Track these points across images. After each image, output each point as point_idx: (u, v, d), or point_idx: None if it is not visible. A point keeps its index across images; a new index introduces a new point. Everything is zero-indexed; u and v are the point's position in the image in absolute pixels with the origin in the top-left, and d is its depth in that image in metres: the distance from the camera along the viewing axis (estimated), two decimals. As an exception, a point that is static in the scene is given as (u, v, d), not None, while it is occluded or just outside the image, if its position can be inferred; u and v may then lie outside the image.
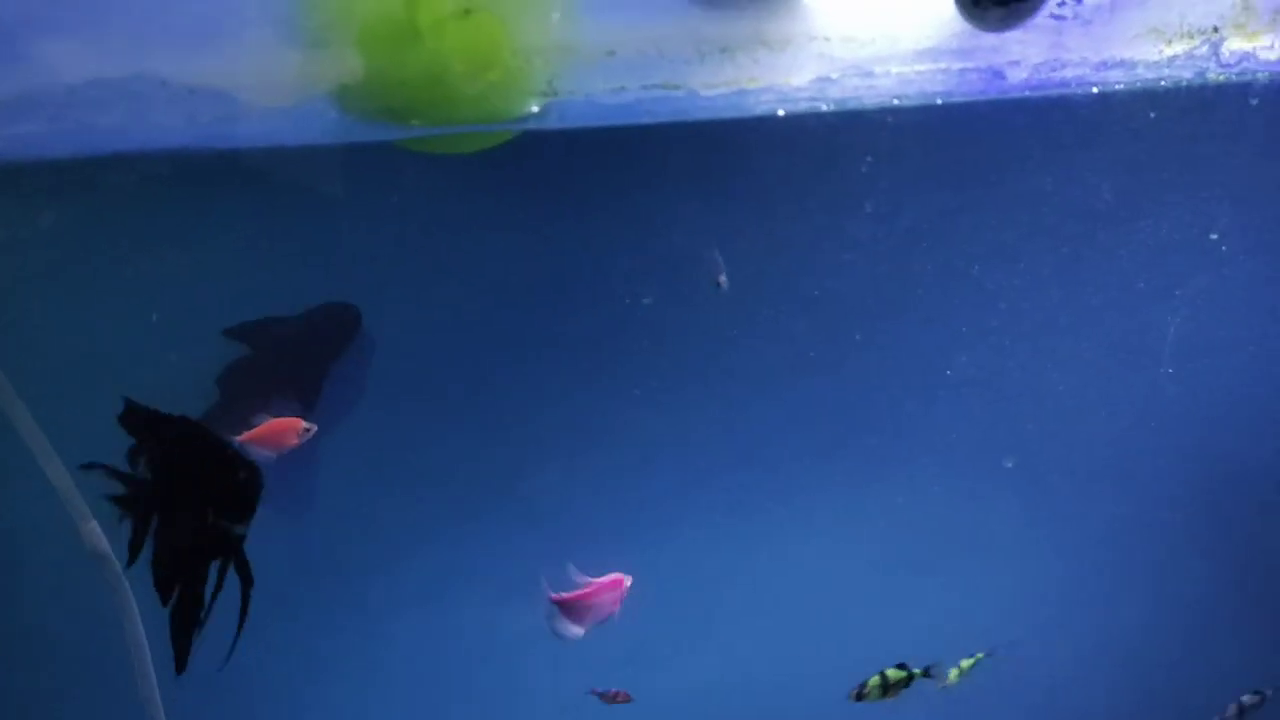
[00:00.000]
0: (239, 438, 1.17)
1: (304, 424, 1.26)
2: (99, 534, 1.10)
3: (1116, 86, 0.96)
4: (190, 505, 0.89)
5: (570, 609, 1.12)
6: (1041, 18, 0.89)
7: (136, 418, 0.85)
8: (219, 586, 0.89)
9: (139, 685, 1.19)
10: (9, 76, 0.67)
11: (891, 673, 1.40)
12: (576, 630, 1.10)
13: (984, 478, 1.42)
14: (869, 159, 0.98)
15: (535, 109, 0.81)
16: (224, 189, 0.81)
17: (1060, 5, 0.88)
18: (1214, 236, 1.18)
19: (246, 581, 0.89)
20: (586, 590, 1.11)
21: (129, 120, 0.70)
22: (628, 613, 1.36)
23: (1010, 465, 1.38)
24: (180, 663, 0.90)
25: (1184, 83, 0.98)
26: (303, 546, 1.26)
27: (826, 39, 0.83)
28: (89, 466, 0.87)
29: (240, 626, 0.89)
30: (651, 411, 1.29)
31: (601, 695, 1.49)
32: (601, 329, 1.12)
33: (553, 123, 0.79)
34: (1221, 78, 0.99)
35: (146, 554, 0.87)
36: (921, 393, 1.33)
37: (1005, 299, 1.22)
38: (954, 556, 1.52)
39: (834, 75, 0.86)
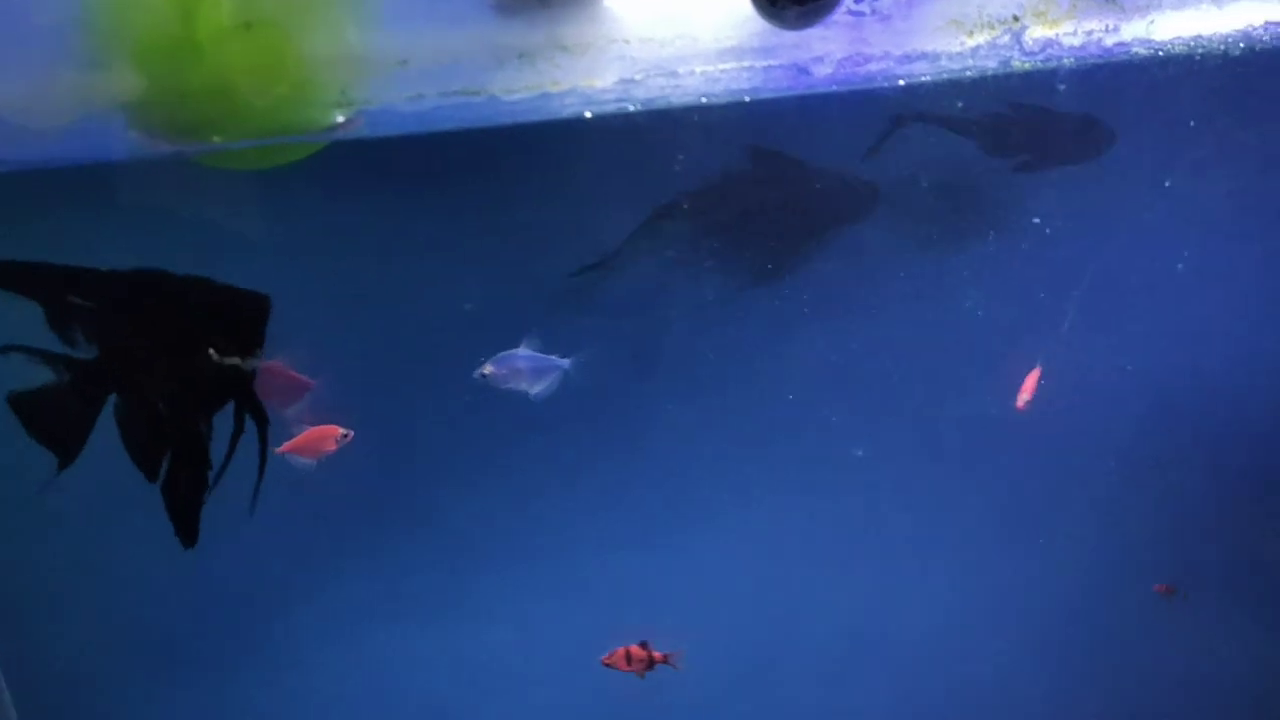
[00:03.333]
0: (279, 449, 1.13)
1: (341, 430, 1.23)
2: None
3: (923, 79, 0.99)
4: (174, 359, 0.84)
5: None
6: (840, 15, 0.92)
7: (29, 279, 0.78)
8: (239, 428, 0.85)
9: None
10: None
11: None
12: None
13: (841, 471, 1.45)
14: (680, 157, 1.00)
15: (339, 119, 0.81)
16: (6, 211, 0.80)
17: (857, 2, 0.91)
18: (1036, 220, 1.23)
19: (262, 419, 0.86)
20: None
21: None
22: (558, 627, 1.36)
23: (860, 454, 1.42)
24: (190, 535, 0.86)
25: (989, 72, 1.02)
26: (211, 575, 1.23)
27: (626, 41, 0.85)
28: (7, 350, 0.80)
29: (262, 467, 0.86)
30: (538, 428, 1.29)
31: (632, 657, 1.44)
32: (437, 337, 1.12)
33: (353, 133, 0.79)
34: (1027, 65, 1.03)
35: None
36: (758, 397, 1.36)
37: (819, 291, 1.26)
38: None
39: (638, 76, 0.88)
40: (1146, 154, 1.19)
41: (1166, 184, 1.26)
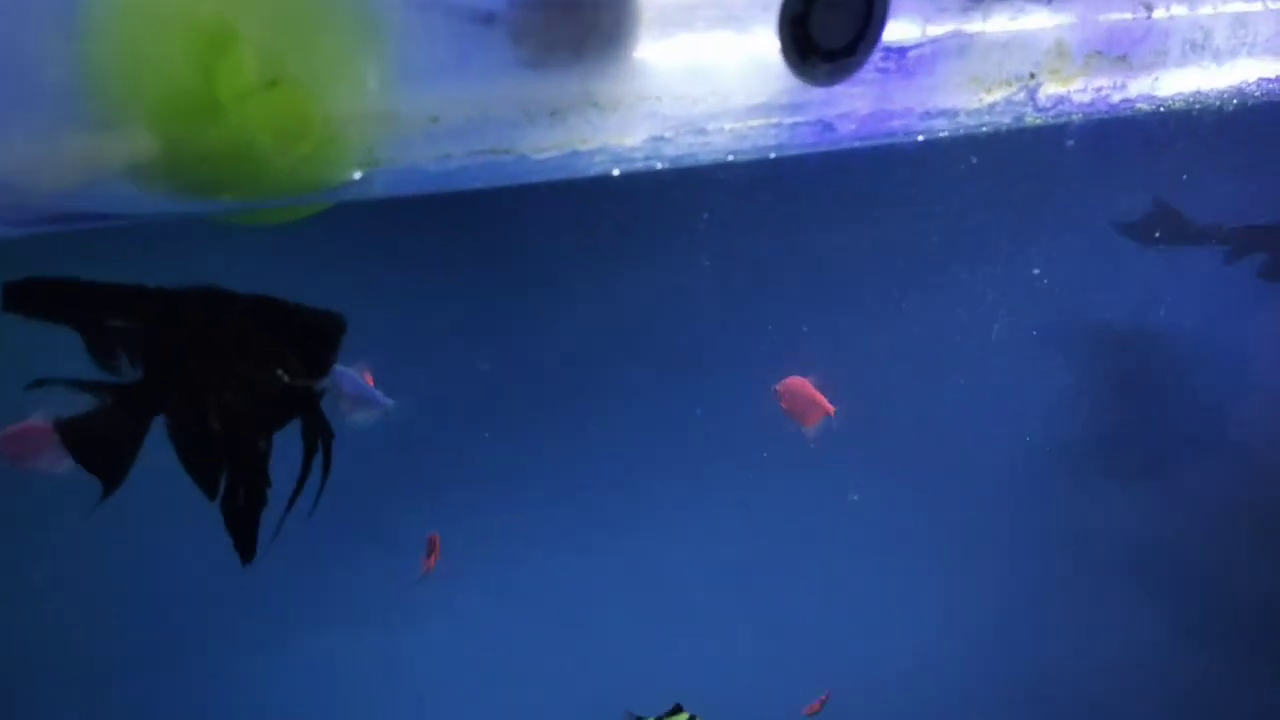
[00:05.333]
0: None
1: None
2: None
3: (941, 134, 0.98)
4: (240, 376, 0.80)
5: None
6: (867, 71, 0.91)
7: (72, 299, 0.75)
8: (312, 446, 0.83)
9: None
10: None
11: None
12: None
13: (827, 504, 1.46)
14: (705, 214, 0.98)
15: (356, 177, 0.77)
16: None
17: (884, 59, 0.90)
18: (1035, 271, 1.24)
19: (328, 435, 0.84)
20: None
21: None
22: (500, 631, 1.32)
23: (855, 499, 1.42)
24: (249, 550, 0.84)
25: (1003, 128, 1.01)
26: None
27: (658, 99, 0.82)
28: (43, 382, 0.77)
29: (325, 478, 0.84)
30: (510, 445, 1.28)
31: None
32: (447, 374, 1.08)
33: (376, 191, 0.74)
34: (1039, 121, 1.03)
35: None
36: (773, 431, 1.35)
37: (838, 339, 1.25)
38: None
39: (668, 134, 0.85)
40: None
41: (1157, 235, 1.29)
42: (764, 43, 0.86)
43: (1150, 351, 1.54)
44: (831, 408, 1.26)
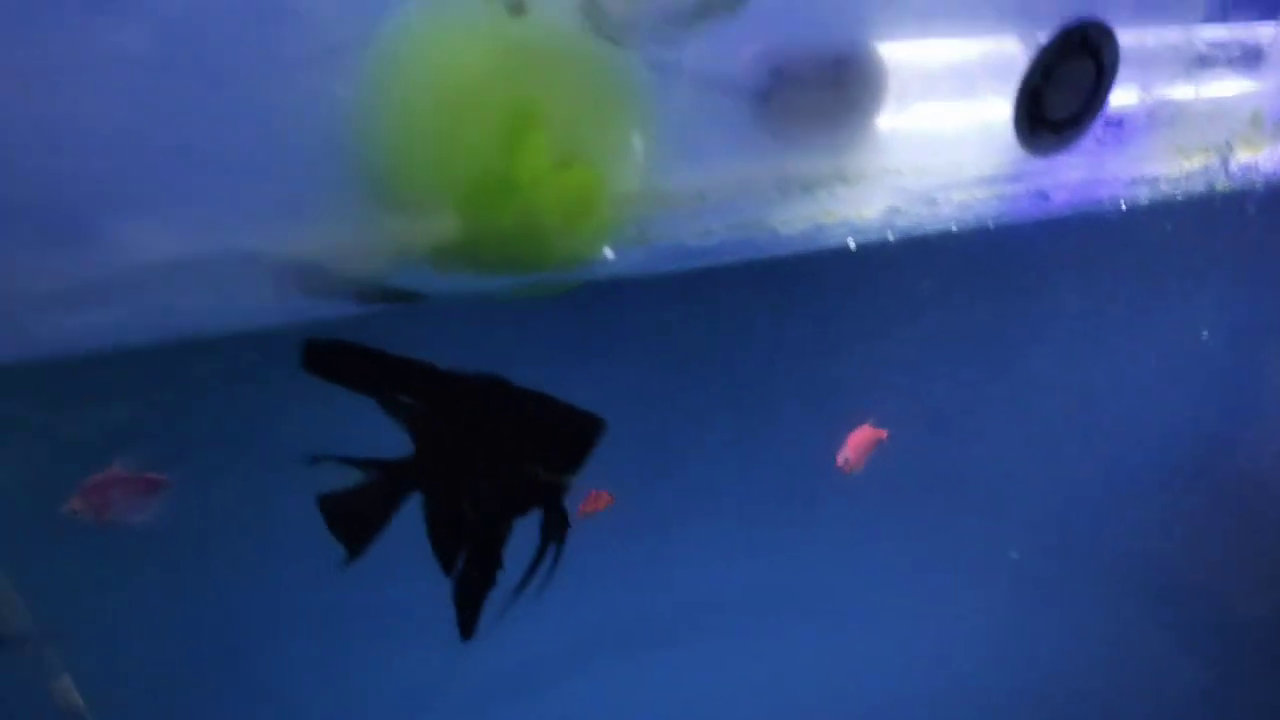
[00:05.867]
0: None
1: None
2: (70, 689, 0.98)
3: (1140, 201, 0.99)
4: (492, 462, 0.82)
5: None
6: (1087, 141, 0.91)
7: (361, 368, 0.77)
8: (548, 539, 0.84)
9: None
10: (76, 260, 0.59)
11: None
12: None
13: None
14: (927, 282, 0.99)
15: (610, 255, 0.77)
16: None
17: (1105, 131, 0.91)
18: (1205, 334, 1.25)
19: (565, 527, 0.87)
20: None
21: (213, 301, 0.62)
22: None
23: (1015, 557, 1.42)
24: (470, 627, 0.88)
25: (1195, 194, 1.02)
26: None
27: (899, 172, 0.83)
28: (321, 459, 0.79)
29: (557, 559, 0.87)
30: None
31: None
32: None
33: (646, 267, 0.75)
34: (1227, 187, 1.04)
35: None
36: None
37: (1040, 394, 1.25)
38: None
39: (902, 206, 0.85)
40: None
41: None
42: (997, 113, 0.87)
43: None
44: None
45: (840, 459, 1.29)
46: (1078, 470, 1.46)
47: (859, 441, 1.29)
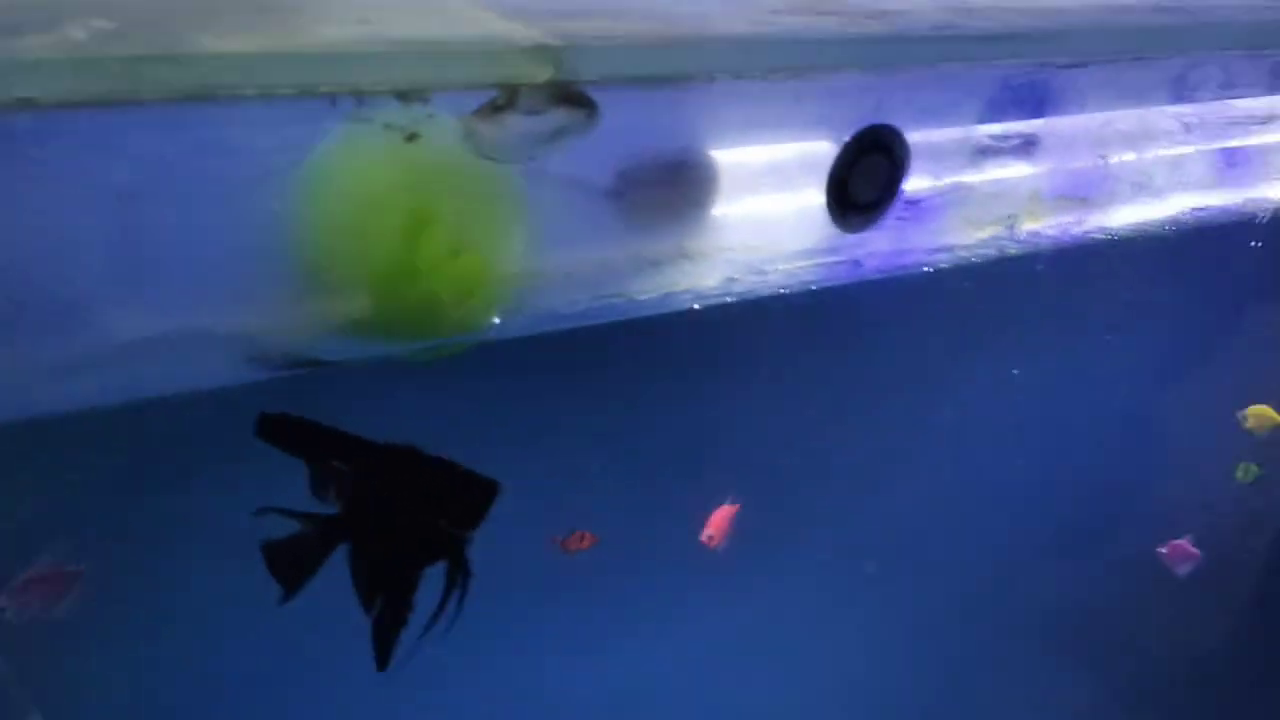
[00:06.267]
0: None
1: None
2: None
3: (943, 265, 1.21)
4: (406, 517, 1.00)
5: None
6: (889, 219, 1.13)
7: (302, 438, 0.93)
8: (452, 586, 1.02)
9: None
10: (74, 343, 0.76)
11: None
12: None
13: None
14: (764, 338, 1.19)
15: (496, 322, 0.96)
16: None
17: (904, 211, 1.13)
18: (1015, 372, 1.47)
19: (468, 575, 1.05)
20: None
21: (173, 367, 0.80)
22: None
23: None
24: (384, 660, 1.03)
25: (989, 258, 1.24)
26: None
27: (733, 249, 1.03)
28: (264, 511, 0.95)
29: (462, 602, 1.04)
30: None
31: None
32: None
33: (523, 330, 0.94)
34: (1016, 251, 1.26)
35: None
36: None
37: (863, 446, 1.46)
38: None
39: (737, 275, 1.05)
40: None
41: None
42: (811, 199, 1.08)
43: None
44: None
45: (704, 536, 1.49)
46: (924, 516, 1.68)
47: (719, 517, 1.50)
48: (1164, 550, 1.82)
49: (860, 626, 1.80)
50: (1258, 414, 1.83)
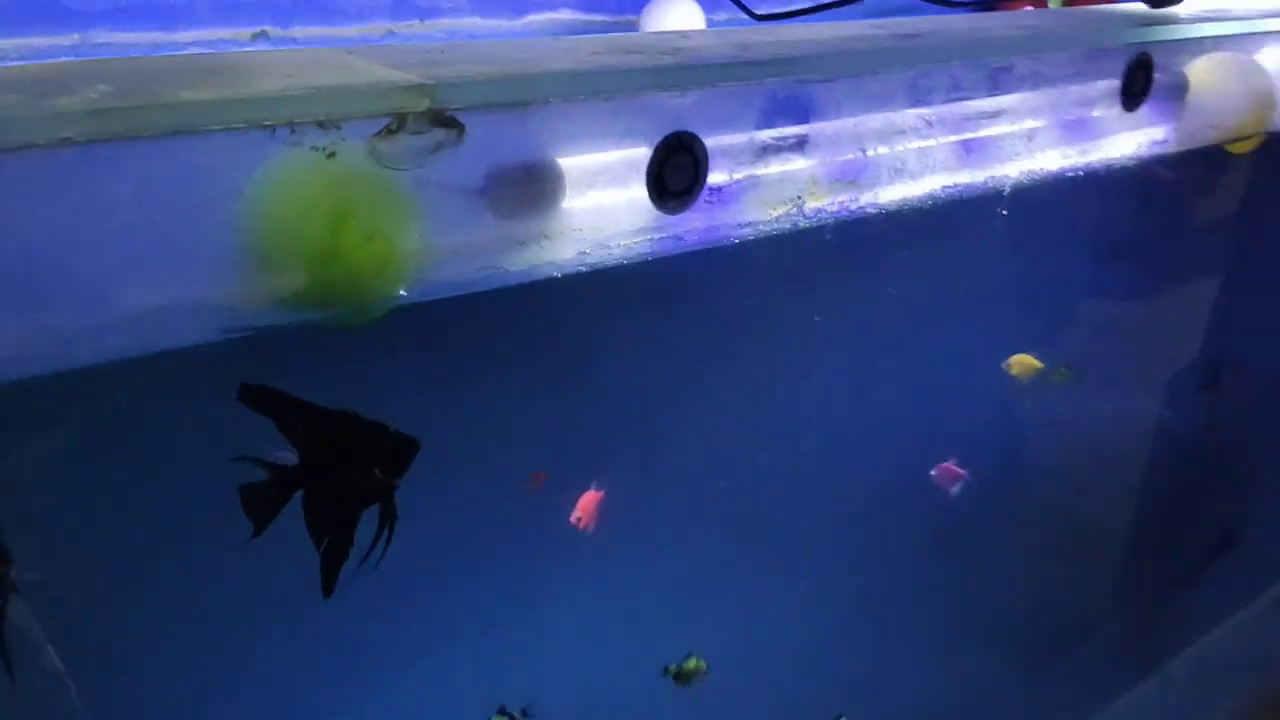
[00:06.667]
0: None
1: None
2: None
3: (748, 238, 1.57)
4: (348, 468, 1.24)
5: None
6: (699, 204, 1.49)
7: (271, 403, 1.19)
8: (383, 526, 1.26)
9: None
10: (80, 312, 1.05)
11: None
12: None
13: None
14: (612, 303, 1.53)
15: (404, 292, 1.28)
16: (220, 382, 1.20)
17: (709, 197, 1.49)
18: (816, 318, 1.84)
19: (394, 517, 1.31)
20: None
21: (157, 331, 1.10)
22: None
23: None
24: (328, 589, 1.29)
25: (784, 230, 1.62)
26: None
27: (581, 230, 1.37)
28: (240, 459, 1.20)
29: (389, 540, 1.30)
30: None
31: None
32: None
33: (426, 296, 1.26)
34: (806, 224, 1.64)
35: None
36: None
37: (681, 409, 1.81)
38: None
39: (587, 250, 1.40)
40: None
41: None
42: (637, 191, 1.43)
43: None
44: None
45: (573, 518, 1.78)
46: (761, 474, 2.02)
47: (587, 501, 1.79)
48: (934, 473, 2.16)
49: (722, 591, 2.10)
50: (1020, 362, 2.22)
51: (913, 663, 2.42)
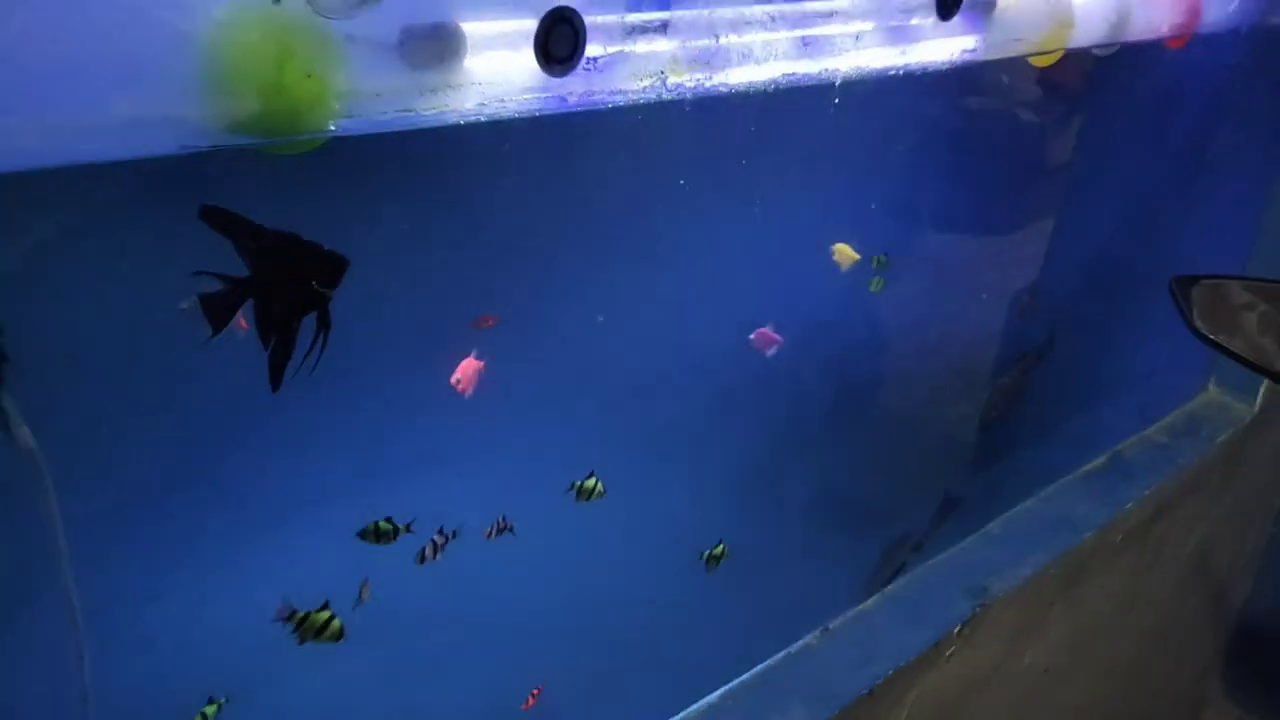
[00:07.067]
0: None
1: None
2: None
3: (620, 104, 1.89)
4: (290, 281, 1.50)
5: None
6: (579, 71, 1.79)
7: (227, 223, 1.44)
8: (319, 330, 1.52)
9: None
10: (46, 114, 1.27)
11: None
12: None
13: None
14: (506, 147, 1.82)
15: (340, 124, 1.54)
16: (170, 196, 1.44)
17: (587, 65, 1.79)
18: (682, 182, 2.18)
19: (329, 323, 1.57)
20: None
21: (121, 139, 1.33)
22: None
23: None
24: (275, 385, 1.57)
25: (652, 100, 1.93)
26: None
27: (481, 84, 1.66)
28: (199, 273, 1.45)
29: (324, 345, 1.57)
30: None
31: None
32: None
33: (351, 130, 1.52)
34: (669, 97, 1.96)
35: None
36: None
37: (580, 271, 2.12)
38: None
39: (486, 103, 1.68)
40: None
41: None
42: (528, 56, 1.72)
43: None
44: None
45: (453, 380, 1.82)
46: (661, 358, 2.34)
47: (466, 368, 2.07)
48: (752, 337, 2.43)
49: (578, 441, 2.39)
50: (841, 250, 2.59)
51: (723, 502, 2.78)
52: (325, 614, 1.85)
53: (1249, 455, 4.77)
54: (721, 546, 2.55)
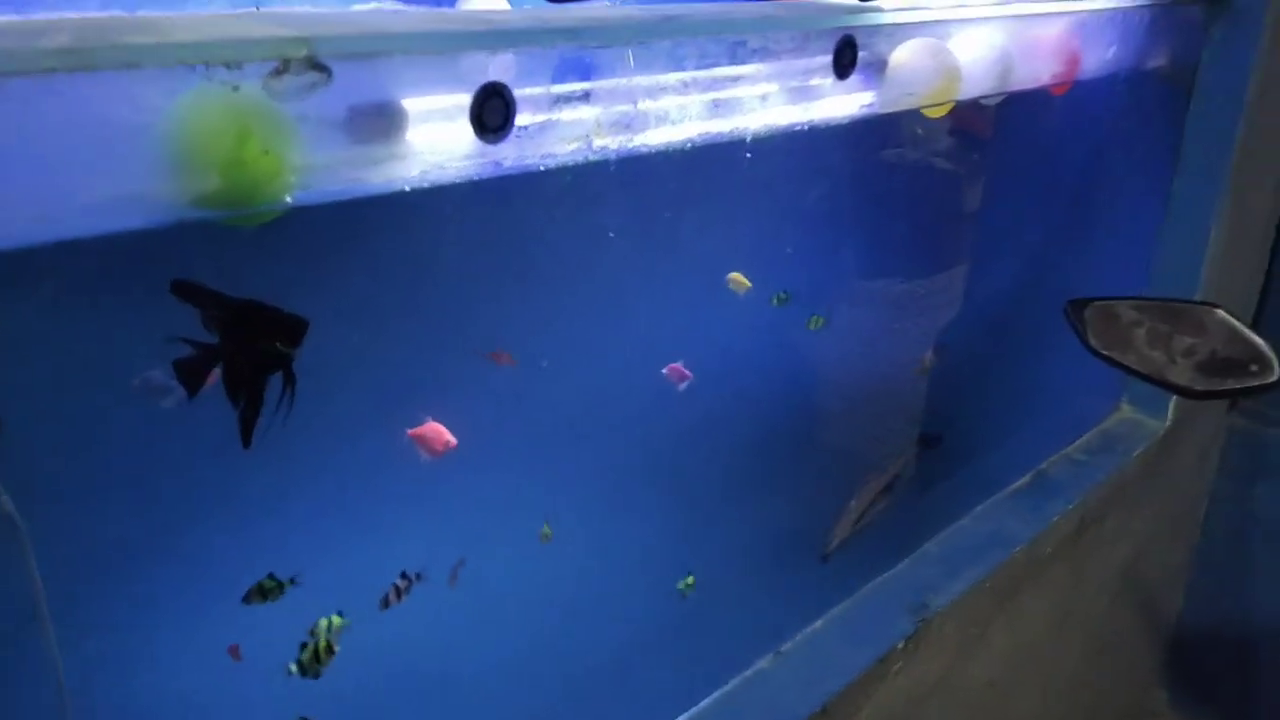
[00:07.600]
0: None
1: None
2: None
3: (551, 166, 2.06)
4: (256, 343, 1.61)
5: None
6: (511, 137, 1.96)
7: (196, 295, 1.55)
8: (285, 388, 1.62)
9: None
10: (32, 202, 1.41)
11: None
12: None
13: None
14: (448, 209, 1.98)
15: (294, 197, 1.69)
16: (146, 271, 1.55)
17: (519, 133, 1.97)
18: (611, 235, 2.36)
19: (294, 380, 1.65)
20: None
21: (102, 217, 1.46)
22: None
23: None
24: (247, 441, 1.64)
25: (580, 161, 2.11)
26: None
27: (423, 154, 1.82)
28: (171, 340, 1.56)
29: (292, 399, 1.64)
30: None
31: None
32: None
33: (305, 201, 1.67)
34: (594, 158, 2.14)
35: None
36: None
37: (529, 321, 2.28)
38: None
39: (428, 170, 1.84)
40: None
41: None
42: (465, 127, 1.89)
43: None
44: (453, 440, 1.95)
45: (419, 439, 1.85)
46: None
47: (431, 431, 1.95)
48: (665, 371, 2.56)
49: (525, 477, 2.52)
50: (735, 279, 2.78)
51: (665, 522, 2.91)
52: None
53: (1166, 468, 5.04)
54: (691, 579, 2.67)
